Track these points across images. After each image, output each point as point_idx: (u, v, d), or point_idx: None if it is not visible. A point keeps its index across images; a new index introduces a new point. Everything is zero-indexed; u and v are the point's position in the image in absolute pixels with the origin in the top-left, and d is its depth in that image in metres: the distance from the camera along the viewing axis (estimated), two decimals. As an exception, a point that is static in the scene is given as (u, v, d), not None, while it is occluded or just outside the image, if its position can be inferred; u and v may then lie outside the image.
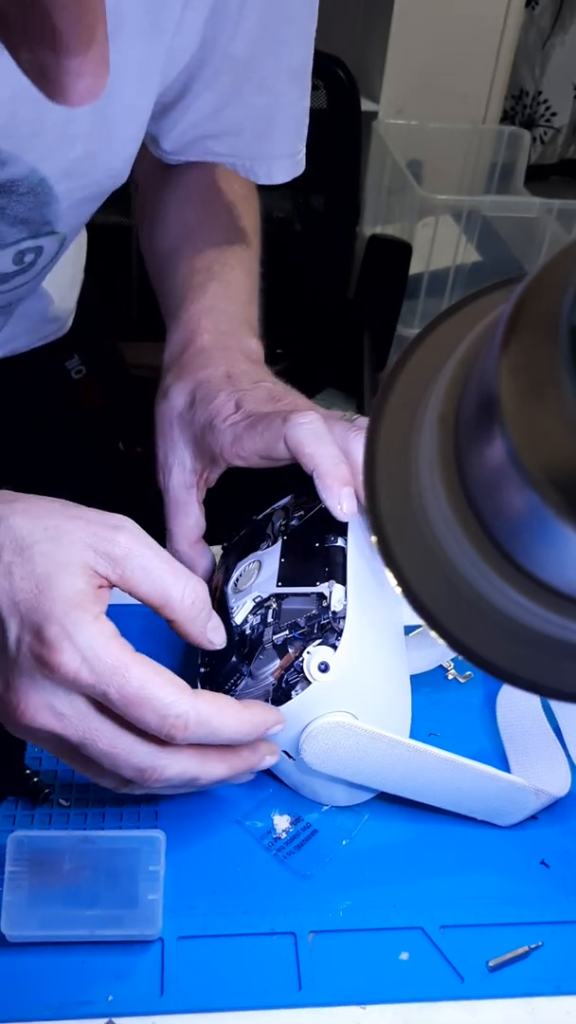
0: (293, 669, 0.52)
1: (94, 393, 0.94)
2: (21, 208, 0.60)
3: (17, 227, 0.61)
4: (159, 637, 0.69)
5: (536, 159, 2.42)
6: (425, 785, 0.55)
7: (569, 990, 0.50)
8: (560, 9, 2.29)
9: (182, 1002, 0.48)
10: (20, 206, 0.59)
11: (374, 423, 0.32)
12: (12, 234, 0.61)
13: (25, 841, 0.50)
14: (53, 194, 0.60)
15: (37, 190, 0.59)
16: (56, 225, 0.63)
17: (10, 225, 0.61)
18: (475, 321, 0.31)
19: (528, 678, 0.32)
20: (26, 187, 0.58)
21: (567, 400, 0.23)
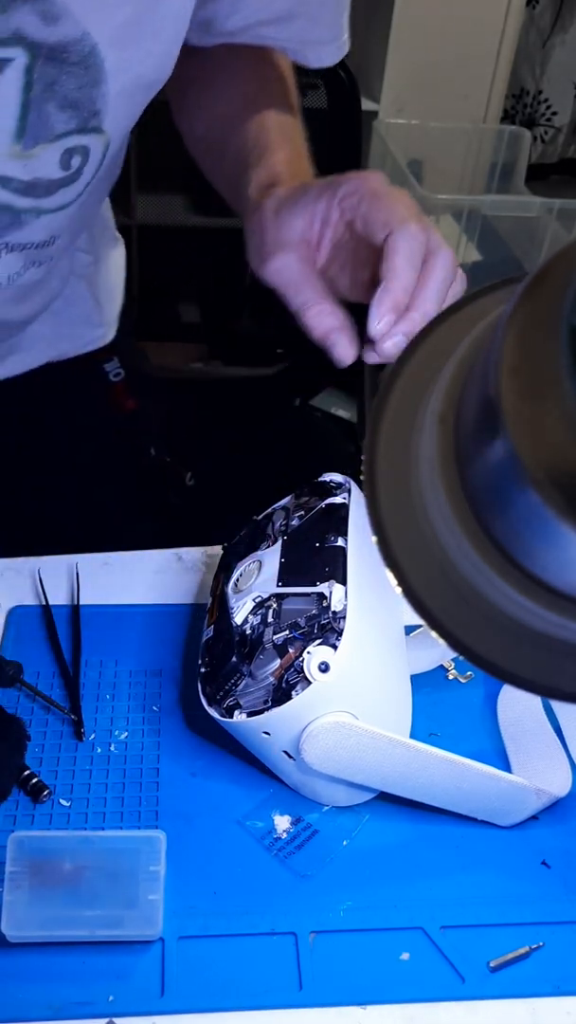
0: (293, 669, 0.52)
1: (128, 396, 0.95)
2: (71, 84, 0.58)
3: (67, 112, 0.59)
4: (159, 637, 0.69)
5: (536, 158, 2.42)
6: (426, 785, 0.55)
7: (570, 990, 0.50)
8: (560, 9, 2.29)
9: (183, 1002, 0.48)
10: (71, 81, 0.58)
11: (375, 423, 0.32)
12: (61, 122, 0.60)
13: (25, 841, 0.50)
14: (103, 70, 0.58)
15: (88, 61, 0.57)
16: (104, 118, 0.61)
17: (59, 108, 0.59)
18: (475, 321, 0.31)
19: (528, 678, 0.32)
20: (77, 55, 0.57)
21: (567, 400, 0.23)
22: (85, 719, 0.61)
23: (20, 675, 0.63)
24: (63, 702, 0.62)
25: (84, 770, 0.59)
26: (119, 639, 0.68)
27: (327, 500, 0.62)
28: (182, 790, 0.58)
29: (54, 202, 0.65)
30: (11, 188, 0.62)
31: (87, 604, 0.70)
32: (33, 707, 0.62)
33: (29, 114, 0.58)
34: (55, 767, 0.59)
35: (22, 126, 0.58)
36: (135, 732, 0.61)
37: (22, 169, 0.61)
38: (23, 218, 0.65)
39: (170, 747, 0.61)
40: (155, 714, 0.63)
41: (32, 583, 0.72)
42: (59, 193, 0.65)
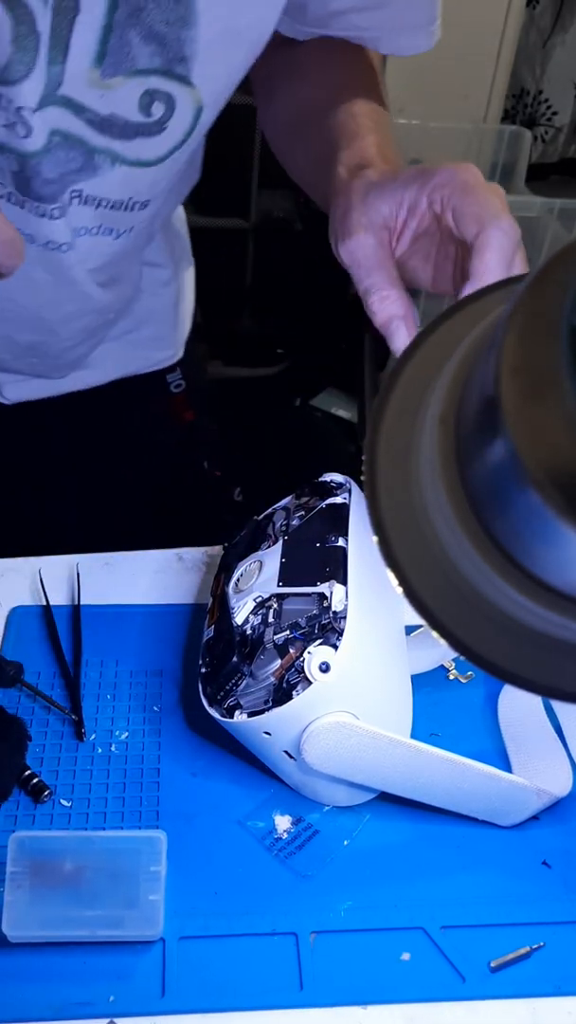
0: (294, 669, 0.52)
1: (186, 408, 0.95)
2: (159, 16, 0.56)
3: (151, 46, 0.57)
4: (160, 637, 0.69)
5: (537, 158, 2.41)
6: (426, 785, 0.55)
7: (570, 991, 0.50)
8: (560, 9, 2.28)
9: (183, 1002, 0.48)
10: (158, 13, 0.55)
11: (375, 423, 0.32)
12: (144, 56, 0.57)
13: (26, 841, 0.50)
14: (194, 9, 0.56)
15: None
16: (192, 67, 0.59)
17: (144, 41, 0.56)
18: (475, 321, 0.31)
19: (528, 678, 0.32)
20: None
21: (567, 400, 0.23)
22: (86, 719, 0.62)
23: (21, 675, 0.63)
24: (64, 702, 0.63)
25: (85, 770, 0.59)
26: (120, 639, 0.68)
27: (327, 500, 0.62)
28: (183, 790, 0.58)
29: (132, 151, 0.62)
30: (84, 118, 0.59)
31: (88, 604, 0.70)
32: (34, 707, 0.62)
33: (111, 38, 0.56)
34: (56, 767, 0.59)
35: (103, 50, 0.56)
36: (136, 732, 0.61)
37: (99, 100, 0.58)
38: (96, 160, 0.62)
39: (171, 747, 0.61)
40: (156, 714, 0.63)
41: (33, 583, 0.72)
42: (137, 141, 0.62)
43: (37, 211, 0.64)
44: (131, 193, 0.66)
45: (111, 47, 0.56)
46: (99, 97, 0.58)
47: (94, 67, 0.57)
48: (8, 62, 0.54)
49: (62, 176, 0.62)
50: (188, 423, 0.95)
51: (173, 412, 0.94)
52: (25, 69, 0.55)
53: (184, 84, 0.59)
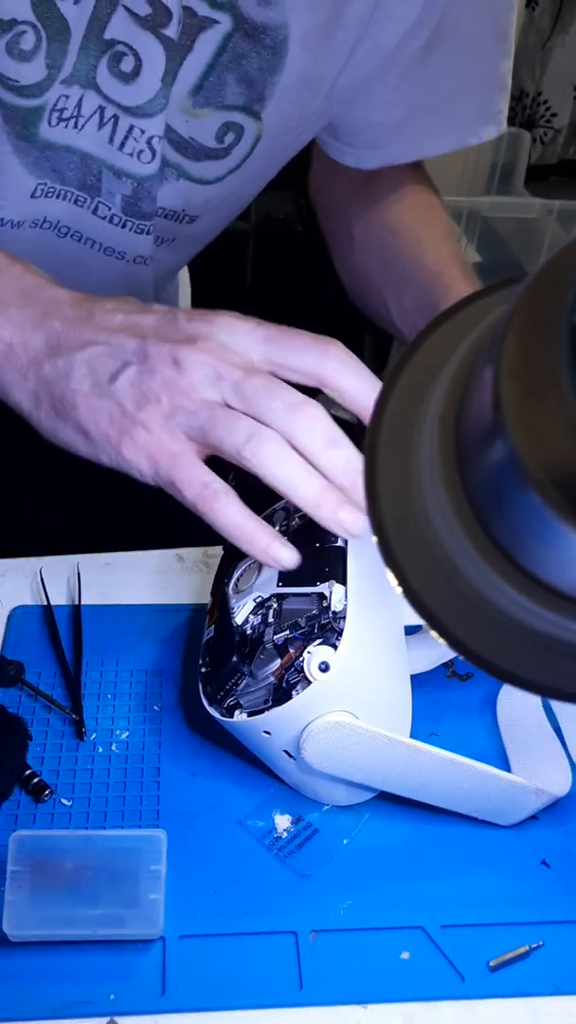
0: (293, 669, 0.52)
1: None
2: (255, 63, 0.61)
3: (241, 87, 0.62)
4: (160, 637, 0.69)
5: (536, 160, 2.41)
6: (426, 785, 0.55)
7: (570, 990, 0.50)
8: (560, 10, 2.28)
9: (183, 1001, 0.48)
10: (256, 60, 0.61)
11: (375, 424, 0.32)
12: (233, 95, 0.63)
13: (27, 840, 0.50)
14: (284, 62, 0.62)
15: (277, 48, 0.61)
16: (266, 105, 0.64)
17: (237, 82, 0.62)
18: (475, 322, 0.31)
19: (528, 678, 0.32)
20: (271, 40, 0.60)
21: (567, 400, 0.23)
22: (86, 719, 0.62)
23: (21, 675, 0.63)
24: (64, 702, 0.63)
25: (85, 770, 0.59)
26: (120, 639, 0.68)
27: (327, 500, 0.62)
28: (183, 790, 0.58)
29: (197, 170, 0.66)
30: (168, 138, 0.64)
31: (88, 604, 0.70)
32: (34, 707, 0.62)
33: (211, 75, 0.61)
34: (56, 767, 0.59)
35: (200, 84, 0.61)
36: (136, 732, 0.61)
37: (184, 124, 0.63)
38: (165, 172, 0.66)
39: (171, 747, 0.61)
40: (156, 714, 0.63)
41: (33, 583, 0.72)
42: (204, 163, 0.66)
43: (137, 228, 0.69)
44: (184, 206, 0.70)
45: (208, 83, 0.62)
46: (184, 122, 0.63)
47: (188, 97, 0.62)
48: (152, 97, 0.61)
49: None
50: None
51: None
52: (164, 102, 0.61)
53: (255, 118, 0.65)
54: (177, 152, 0.65)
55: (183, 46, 0.59)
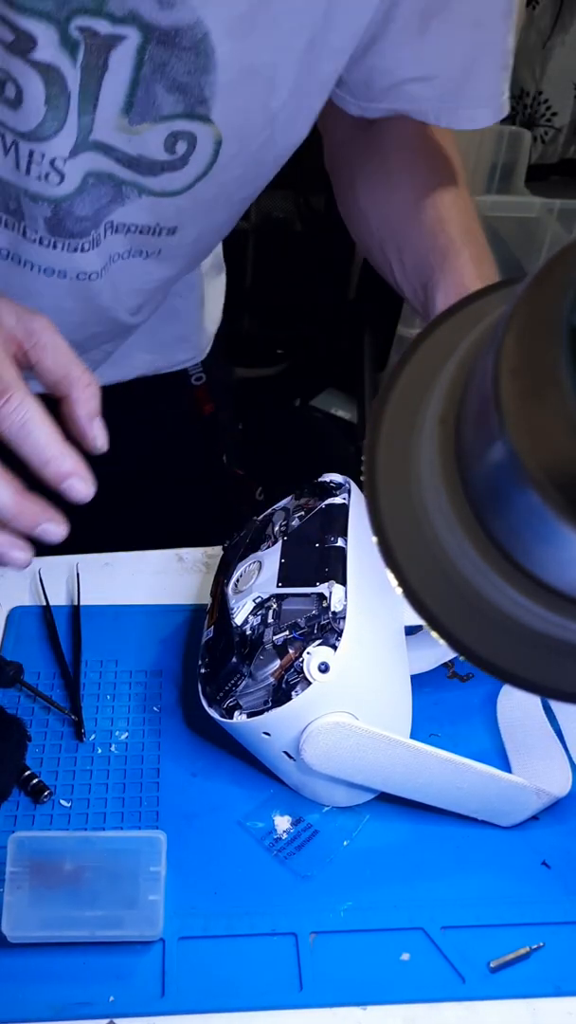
0: (293, 669, 0.52)
1: (206, 400, 0.95)
2: (181, 69, 0.59)
3: (174, 95, 0.60)
4: (160, 637, 0.69)
5: (537, 159, 2.41)
6: (426, 785, 0.55)
7: (570, 991, 0.50)
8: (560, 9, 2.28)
9: (183, 1003, 0.48)
10: (181, 65, 0.58)
11: (375, 424, 0.32)
12: (168, 103, 0.60)
13: (26, 842, 0.50)
14: (214, 58, 0.59)
15: (200, 48, 0.58)
16: (212, 107, 0.61)
17: (168, 91, 0.60)
18: (475, 322, 0.31)
19: (528, 678, 0.32)
20: (189, 41, 0.57)
21: (567, 400, 0.23)
22: (85, 719, 0.62)
23: (20, 675, 0.63)
24: (63, 703, 0.63)
25: (84, 770, 0.59)
26: (119, 639, 0.68)
27: (327, 500, 0.62)
28: (182, 790, 0.58)
29: (158, 184, 0.65)
30: (113, 157, 0.63)
31: (87, 604, 0.70)
32: (34, 708, 0.62)
33: (137, 91, 0.59)
34: (55, 767, 0.59)
35: (130, 101, 0.59)
36: (135, 732, 0.61)
37: (127, 143, 0.62)
38: (124, 191, 0.65)
39: (170, 748, 0.61)
40: (155, 715, 0.63)
41: (32, 583, 0.72)
42: (164, 176, 0.65)
43: (69, 247, 0.68)
44: (157, 220, 0.69)
45: (138, 99, 0.59)
46: (127, 141, 0.62)
47: (122, 116, 0.60)
48: (41, 121, 0.59)
49: (96, 212, 0.66)
50: (208, 415, 0.95)
51: (194, 403, 0.94)
52: (57, 125, 0.59)
53: (205, 122, 0.62)
54: (129, 170, 0.64)
55: (96, 67, 0.58)
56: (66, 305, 0.74)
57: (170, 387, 0.91)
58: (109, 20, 0.56)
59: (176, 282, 0.79)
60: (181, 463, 0.95)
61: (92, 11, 0.55)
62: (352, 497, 0.62)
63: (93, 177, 0.63)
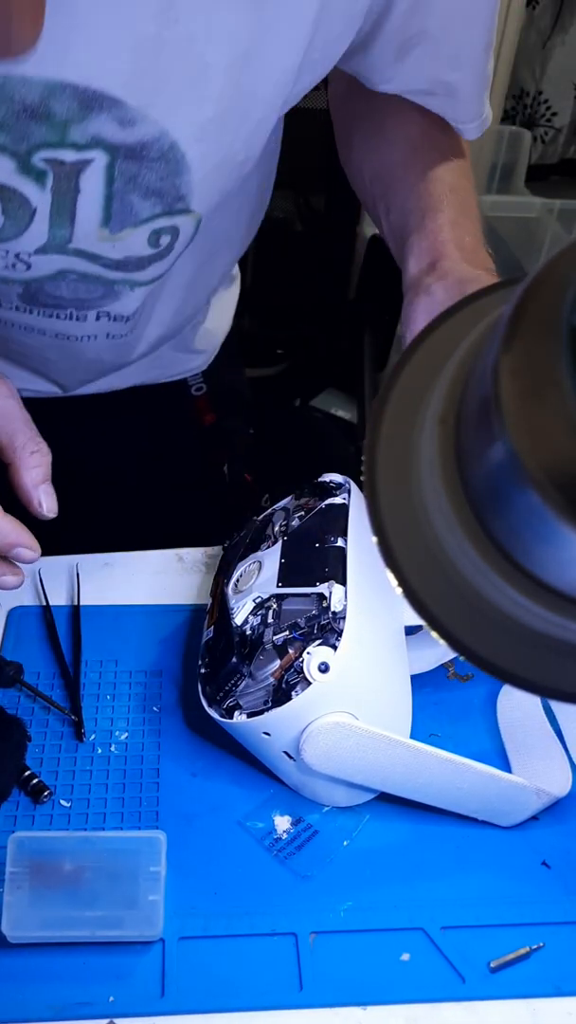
0: (293, 669, 0.52)
1: (208, 410, 0.94)
2: (153, 177, 0.58)
3: (151, 200, 0.59)
4: (160, 637, 0.69)
5: (537, 159, 2.41)
6: (426, 785, 0.55)
7: (570, 991, 0.50)
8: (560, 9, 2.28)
9: (183, 1003, 0.48)
10: (152, 174, 0.58)
11: (375, 424, 0.32)
12: (146, 208, 0.60)
13: (26, 842, 0.50)
14: (185, 162, 0.58)
15: (169, 156, 0.57)
16: (190, 201, 0.61)
17: (143, 197, 0.59)
18: (475, 322, 0.31)
19: (528, 678, 0.32)
20: (157, 152, 0.56)
21: (567, 400, 0.23)
22: (85, 720, 0.62)
23: (20, 676, 0.63)
24: (63, 703, 0.63)
25: (84, 771, 0.59)
26: (119, 639, 0.68)
27: (327, 500, 0.62)
28: (182, 790, 0.58)
29: (147, 275, 0.66)
30: (101, 264, 0.63)
31: (87, 604, 0.70)
32: (33, 708, 0.62)
33: (113, 204, 0.59)
34: (55, 768, 0.59)
35: (107, 214, 0.59)
36: (135, 733, 0.61)
37: (111, 249, 0.62)
38: (117, 288, 0.66)
39: (170, 748, 0.61)
40: (155, 714, 0.63)
41: (32, 583, 0.72)
42: (151, 268, 0.66)
43: (46, 314, 0.69)
44: (143, 302, 0.70)
45: (114, 211, 0.59)
46: (111, 248, 0.62)
47: (102, 228, 0.60)
48: (0, 227, 0.59)
49: (82, 301, 0.67)
50: (209, 425, 0.94)
51: (193, 414, 0.93)
52: (18, 230, 0.59)
53: (185, 214, 0.62)
54: (118, 271, 0.64)
55: (68, 191, 0.57)
56: (50, 356, 0.75)
57: (168, 396, 0.91)
58: (73, 148, 0.55)
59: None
60: (177, 471, 0.95)
61: (54, 144, 0.54)
62: (352, 497, 0.62)
63: (75, 275, 0.64)
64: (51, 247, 0.61)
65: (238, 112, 0.57)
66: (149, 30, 0.51)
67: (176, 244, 0.65)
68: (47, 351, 0.75)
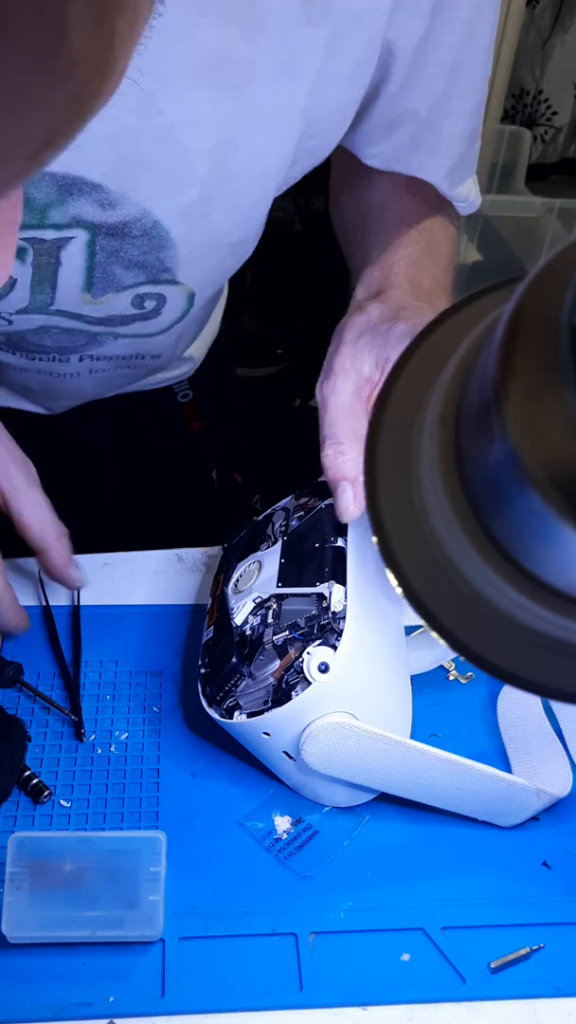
0: (293, 670, 0.52)
1: (195, 418, 0.94)
2: (135, 251, 0.58)
3: (133, 271, 0.60)
4: (159, 637, 0.69)
5: (537, 158, 2.41)
6: (426, 786, 0.55)
7: (570, 991, 0.50)
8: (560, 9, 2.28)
9: (183, 1003, 0.48)
10: (134, 249, 0.58)
11: (375, 424, 0.32)
12: (129, 277, 0.60)
13: (26, 842, 0.50)
14: (169, 239, 0.58)
15: (151, 233, 0.57)
16: (177, 273, 0.61)
17: (125, 268, 0.59)
18: (475, 321, 0.31)
19: (529, 678, 0.32)
20: (139, 230, 0.57)
21: (567, 400, 0.22)
22: (85, 720, 0.61)
23: (20, 676, 0.63)
24: (63, 703, 0.62)
25: (84, 771, 0.59)
26: (119, 640, 0.68)
27: (327, 500, 0.62)
28: (182, 791, 0.58)
29: (132, 331, 0.66)
30: (84, 321, 0.64)
31: (87, 605, 0.70)
32: (33, 708, 0.62)
33: (95, 274, 0.59)
34: (55, 768, 0.59)
35: (89, 282, 0.60)
36: (135, 733, 0.61)
37: (94, 309, 0.63)
38: (100, 338, 0.67)
39: (170, 748, 0.61)
40: (155, 715, 0.63)
41: (32, 584, 0.72)
42: (136, 324, 0.66)
43: (29, 356, 0.70)
44: (139, 351, 0.71)
45: (96, 279, 0.60)
46: (94, 309, 0.63)
47: (84, 292, 0.61)
48: None
49: (65, 348, 0.68)
50: (197, 432, 0.94)
51: (180, 420, 0.93)
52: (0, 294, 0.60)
53: (172, 284, 0.62)
54: (102, 326, 0.65)
55: (48, 264, 0.57)
56: (33, 387, 0.76)
57: (154, 403, 0.90)
58: (53, 228, 0.55)
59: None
60: (166, 476, 0.94)
61: (34, 225, 0.54)
62: (352, 497, 0.62)
63: (57, 329, 0.65)
64: (33, 309, 0.62)
65: (225, 194, 0.57)
66: (130, 122, 0.51)
67: (164, 310, 0.65)
68: (30, 383, 0.75)
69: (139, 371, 0.77)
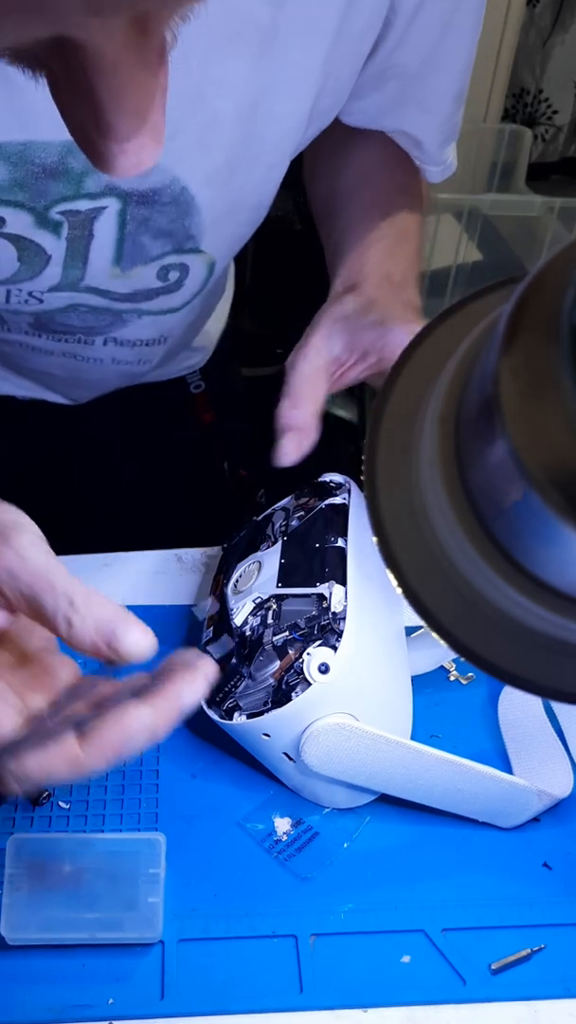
0: (293, 670, 0.52)
1: (206, 409, 0.94)
2: (164, 219, 0.60)
3: (160, 240, 0.61)
4: (159, 637, 0.68)
5: (537, 157, 2.41)
6: (426, 787, 0.55)
7: (572, 992, 0.49)
8: (560, 8, 2.28)
9: (183, 1005, 0.48)
10: (163, 217, 0.60)
11: (375, 424, 0.32)
12: (156, 247, 0.62)
13: (25, 843, 0.50)
14: (195, 204, 0.60)
15: (179, 199, 0.59)
16: (200, 241, 0.63)
17: (153, 238, 0.61)
18: (475, 321, 0.31)
19: (529, 679, 0.32)
20: (168, 196, 0.58)
21: (567, 400, 0.22)
22: (85, 721, 0.61)
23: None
24: (63, 704, 0.62)
25: (84, 772, 0.59)
26: (119, 640, 0.68)
27: (327, 500, 0.61)
28: (182, 792, 0.58)
29: (156, 306, 0.68)
30: (109, 298, 0.65)
31: (87, 605, 0.70)
32: (33, 709, 0.62)
33: (125, 245, 0.61)
34: (55, 769, 0.59)
35: (119, 254, 0.61)
36: (135, 734, 0.61)
37: (121, 284, 0.64)
38: (124, 317, 0.68)
39: (170, 749, 0.60)
40: (155, 715, 0.62)
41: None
42: (159, 299, 0.67)
43: (55, 338, 0.71)
44: (160, 332, 0.73)
45: (126, 251, 0.61)
46: (121, 284, 0.64)
47: (114, 266, 0.62)
48: (15, 272, 0.61)
49: (91, 328, 0.69)
50: (208, 423, 0.95)
51: (192, 412, 0.94)
52: (33, 273, 0.61)
53: (195, 253, 0.64)
54: (127, 302, 0.66)
55: (82, 238, 0.59)
56: (56, 373, 0.77)
57: (168, 394, 0.91)
58: (88, 198, 0.57)
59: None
60: (179, 468, 0.95)
61: (70, 197, 0.56)
62: (352, 497, 0.62)
63: (86, 308, 0.66)
64: (64, 286, 0.63)
65: (247, 158, 0.59)
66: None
67: (186, 281, 0.66)
68: (53, 368, 0.76)
69: (156, 357, 0.78)
